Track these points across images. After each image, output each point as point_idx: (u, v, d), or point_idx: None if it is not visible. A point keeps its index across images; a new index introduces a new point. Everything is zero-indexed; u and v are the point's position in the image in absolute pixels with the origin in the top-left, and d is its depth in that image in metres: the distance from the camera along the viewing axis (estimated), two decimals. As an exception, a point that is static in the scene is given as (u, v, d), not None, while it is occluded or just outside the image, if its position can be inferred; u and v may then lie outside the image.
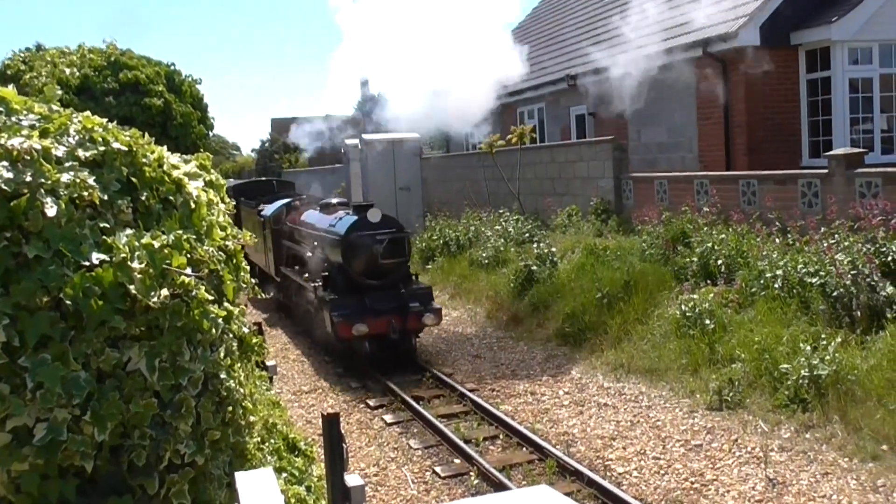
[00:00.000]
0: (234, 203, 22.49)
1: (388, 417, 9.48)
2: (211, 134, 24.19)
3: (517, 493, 2.10)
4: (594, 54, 19.90)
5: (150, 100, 18.94)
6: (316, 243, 12.60)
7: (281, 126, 58.38)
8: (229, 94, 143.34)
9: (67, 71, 18.33)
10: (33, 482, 2.94)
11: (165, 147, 4.01)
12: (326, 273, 11.87)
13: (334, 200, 14.07)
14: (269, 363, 7.13)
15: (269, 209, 16.27)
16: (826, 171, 11.21)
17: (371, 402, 10.08)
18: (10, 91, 3.57)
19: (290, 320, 15.21)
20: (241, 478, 2.71)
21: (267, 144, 57.21)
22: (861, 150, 11.71)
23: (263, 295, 4.95)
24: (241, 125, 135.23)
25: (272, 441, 5.87)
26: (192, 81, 20.99)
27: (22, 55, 19.63)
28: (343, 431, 4.02)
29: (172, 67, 20.57)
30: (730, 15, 15.80)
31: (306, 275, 12.89)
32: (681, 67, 16.71)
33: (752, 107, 15.48)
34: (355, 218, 11.59)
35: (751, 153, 15.42)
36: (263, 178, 25.82)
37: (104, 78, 18.73)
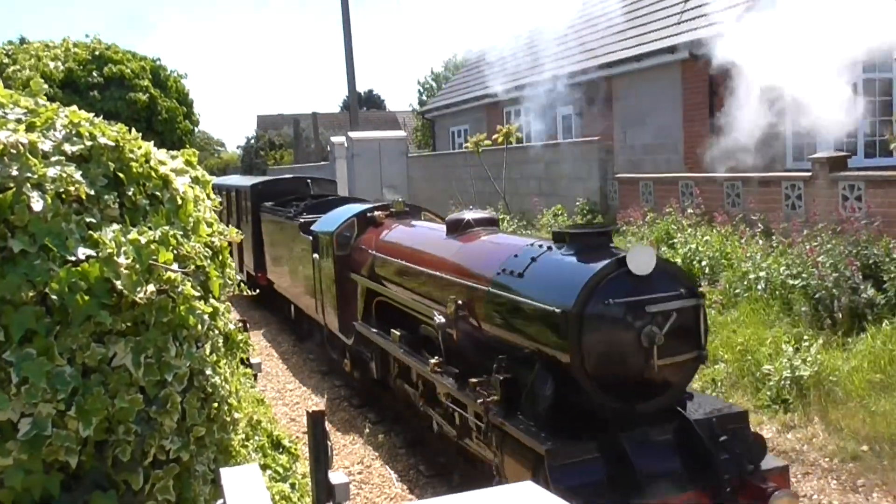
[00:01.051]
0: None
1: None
2: (196, 130, 24.07)
3: (502, 490, 2.11)
4: (582, 55, 20.02)
5: (135, 94, 18.82)
6: (461, 301, 6.43)
7: (267, 123, 58.32)
8: (215, 90, 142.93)
9: (52, 65, 18.20)
10: (17, 477, 2.93)
11: (152, 143, 4.01)
12: (508, 374, 5.71)
13: (469, 215, 7.58)
14: (253, 360, 7.12)
15: (323, 222, 10.43)
16: (810, 173, 11.30)
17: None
18: (-4, 85, 3.56)
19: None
20: (227, 474, 2.70)
21: (253, 141, 57.10)
22: (845, 153, 11.80)
23: (249, 292, 4.94)
24: (226, 122, 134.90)
25: (256, 438, 5.87)
26: (177, 76, 20.88)
27: (5, 48, 19.48)
28: (328, 429, 4.03)
29: (158, 62, 20.47)
30: (717, 17, 15.86)
31: (434, 359, 6.72)
32: (667, 69, 16.79)
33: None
34: (592, 266, 5.28)
35: (735, 155, 15.50)
36: (293, 176, 18.79)
37: (89, 72, 18.61)
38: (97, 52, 19.14)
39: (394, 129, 34.88)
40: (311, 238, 10.60)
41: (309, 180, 16.18)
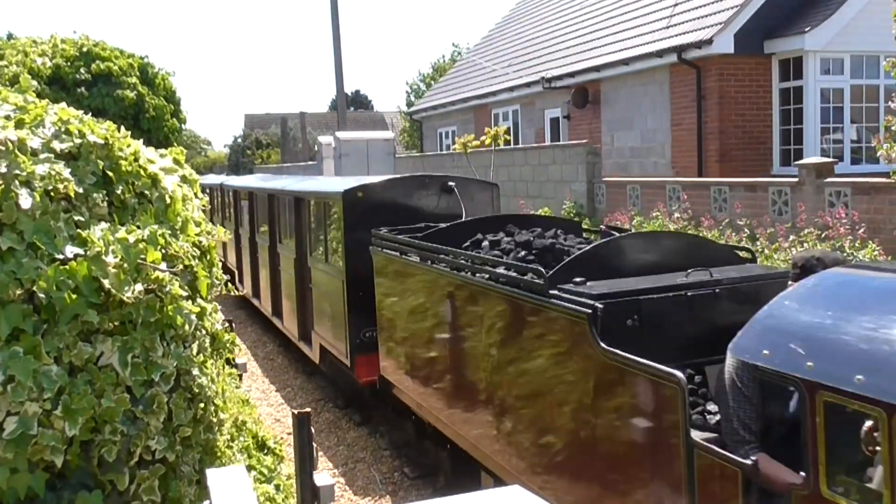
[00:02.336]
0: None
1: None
2: (183, 128, 23.98)
3: (490, 493, 2.11)
4: (570, 57, 20.10)
5: (123, 92, 18.73)
6: None
7: (255, 121, 58.15)
8: (202, 88, 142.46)
9: (39, 60, 18.08)
10: (2, 476, 2.91)
11: (140, 141, 3.99)
12: None
13: None
14: (238, 361, 7.11)
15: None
16: (796, 179, 11.35)
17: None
18: (-16, 81, 3.54)
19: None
20: (213, 475, 2.69)
21: (240, 140, 56.95)
22: (831, 159, 11.87)
23: (236, 292, 4.92)
24: (213, 120, 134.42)
25: (241, 439, 5.86)
26: (165, 74, 20.79)
27: (-8, 44, 19.34)
28: (312, 430, 4.02)
29: (146, 60, 20.38)
30: (705, 22, 15.95)
31: None
32: (655, 73, 16.86)
33: (724, 114, 15.63)
34: None
35: (722, 160, 15.58)
36: (419, 175, 10.59)
37: (76, 69, 18.51)
38: (85, 49, 19.03)
39: (381, 130, 34.87)
40: (673, 379, 3.76)
41: (452, 183, 9.19)
